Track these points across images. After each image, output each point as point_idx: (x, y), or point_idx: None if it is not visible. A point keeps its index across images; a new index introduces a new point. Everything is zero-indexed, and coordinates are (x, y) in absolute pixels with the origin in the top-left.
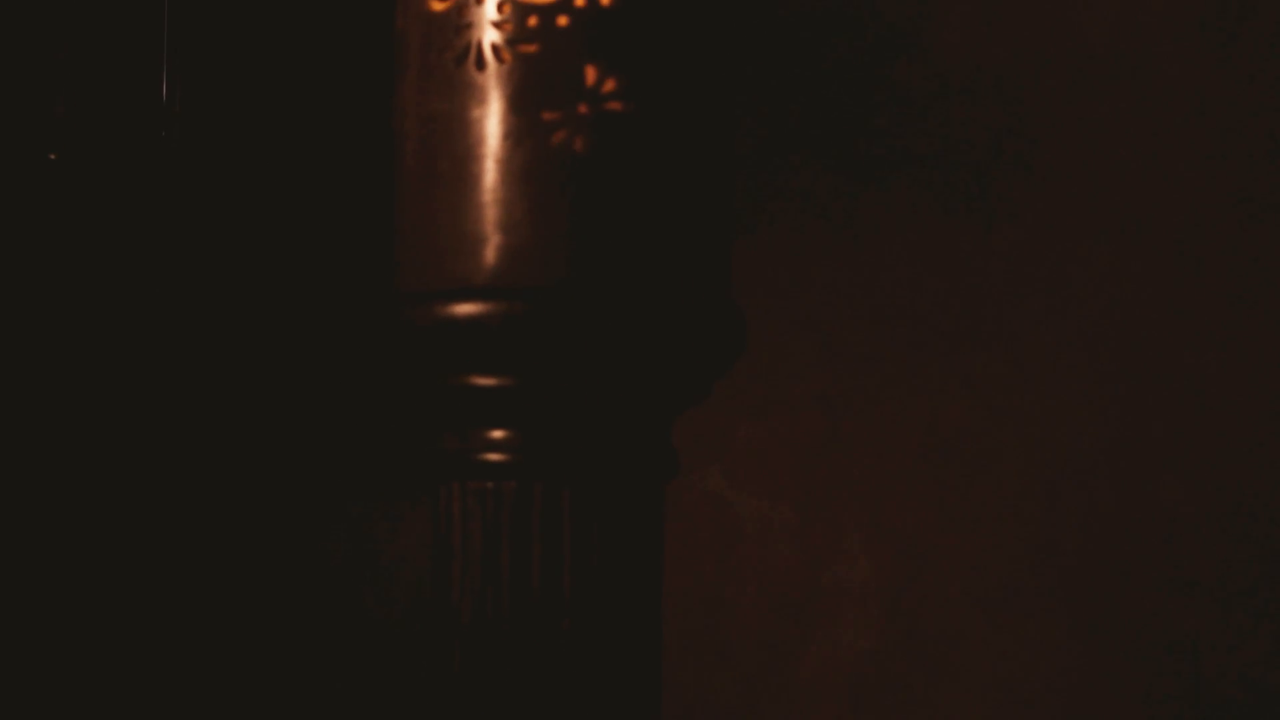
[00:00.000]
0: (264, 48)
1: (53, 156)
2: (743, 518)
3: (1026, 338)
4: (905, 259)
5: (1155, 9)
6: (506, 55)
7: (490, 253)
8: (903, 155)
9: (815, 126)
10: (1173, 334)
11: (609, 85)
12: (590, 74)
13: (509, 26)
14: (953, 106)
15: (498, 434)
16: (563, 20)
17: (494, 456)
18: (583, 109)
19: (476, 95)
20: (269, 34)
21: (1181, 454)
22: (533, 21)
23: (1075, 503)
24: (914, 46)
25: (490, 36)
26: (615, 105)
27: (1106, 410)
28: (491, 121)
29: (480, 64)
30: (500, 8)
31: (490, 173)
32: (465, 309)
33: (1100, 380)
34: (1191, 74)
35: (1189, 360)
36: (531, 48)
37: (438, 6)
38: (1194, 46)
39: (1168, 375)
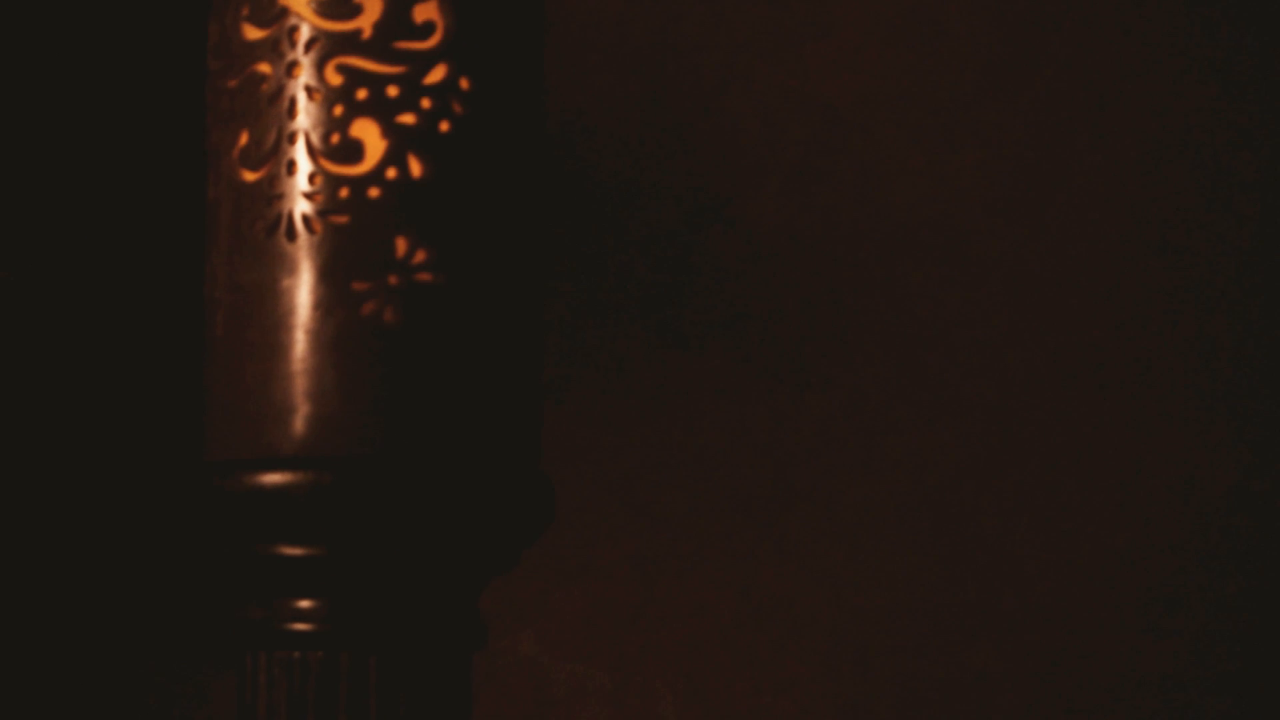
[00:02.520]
0: (77, 211)
1: None
2: (556, 682)
3: (839, 503)
4: (719, 424)
5: (966, 182)
6: (318, 226)
7: (299, 422)
8: (717, 322)
9: (629, 293)
10: (983, 501)
11: (420, 256)
12: (401, 245)
13: (320, 197)
14: (766, 275)
15: (305, 603)
16: (374, 192)
17: (300, 626)
18: (393, 280)
19: (287, 265)
20: (80, 199)
21: (993, 618)
22: (344, 193)
23: (889, 666)
24: (728, 215)
25: (301, 207)
26: (426, 276)
27: (919, 574)
28: (302, 291)
29: (291, 234)
30: (312, 179)
31: (300, 343)
32: (272, 478)
33: (913, 545)
34: (1003, 244)
35: (998, 526)
36: (343, 219)
37: (249, 177)
38: (1005, 217)
39: (978, 540)
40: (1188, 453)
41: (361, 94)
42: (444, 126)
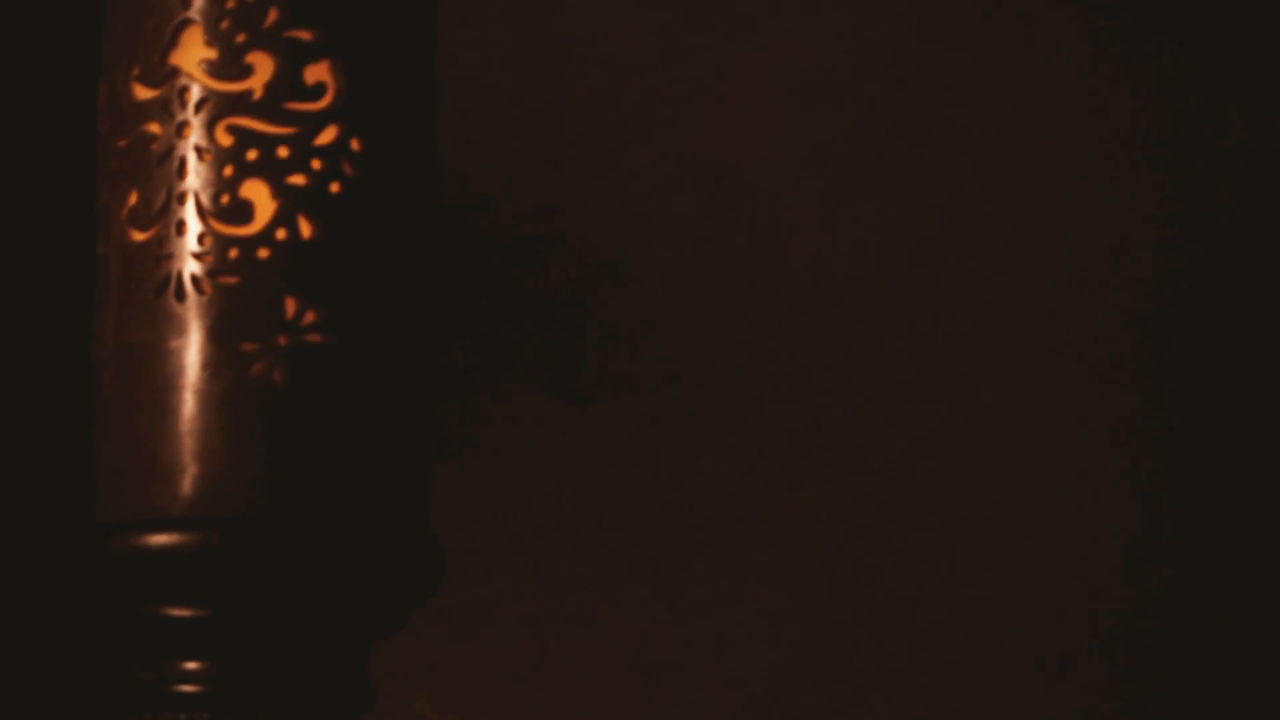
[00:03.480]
0: None
1: None
2: None
3: (735, 562)
4: (615, 483)
5: (861, 241)
6: (207, 286)
7: (187, 483)
8: (613, 381)
9: (525, 352)
10: (878, 560)
11: (309, 317)
12: (290, 306)
13: (209, 258)
14: (662, 334)
15: (191, 665)
16: (263, 252)
17: (187, 688)
18: (282, 341)
19: (176, 325)
20: None
21: (886, 678)
22: (233, 253)
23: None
24: (624, 275)
25: (191, 268)
26: (315, 337)
27: (813, 633)
28: (191, 352)
29: (180, 295)
30: (201, 239)
31: (188, 403)
32: (159, 539)
33: (808, 604)
34: (897, 300)
35: (893, 586)
36: (232, 279)
37: (138, 236)
38: (900, 277)
39: (873, 600)
40: (1083, 516)
41: (252, 155)
42: (334, 188)
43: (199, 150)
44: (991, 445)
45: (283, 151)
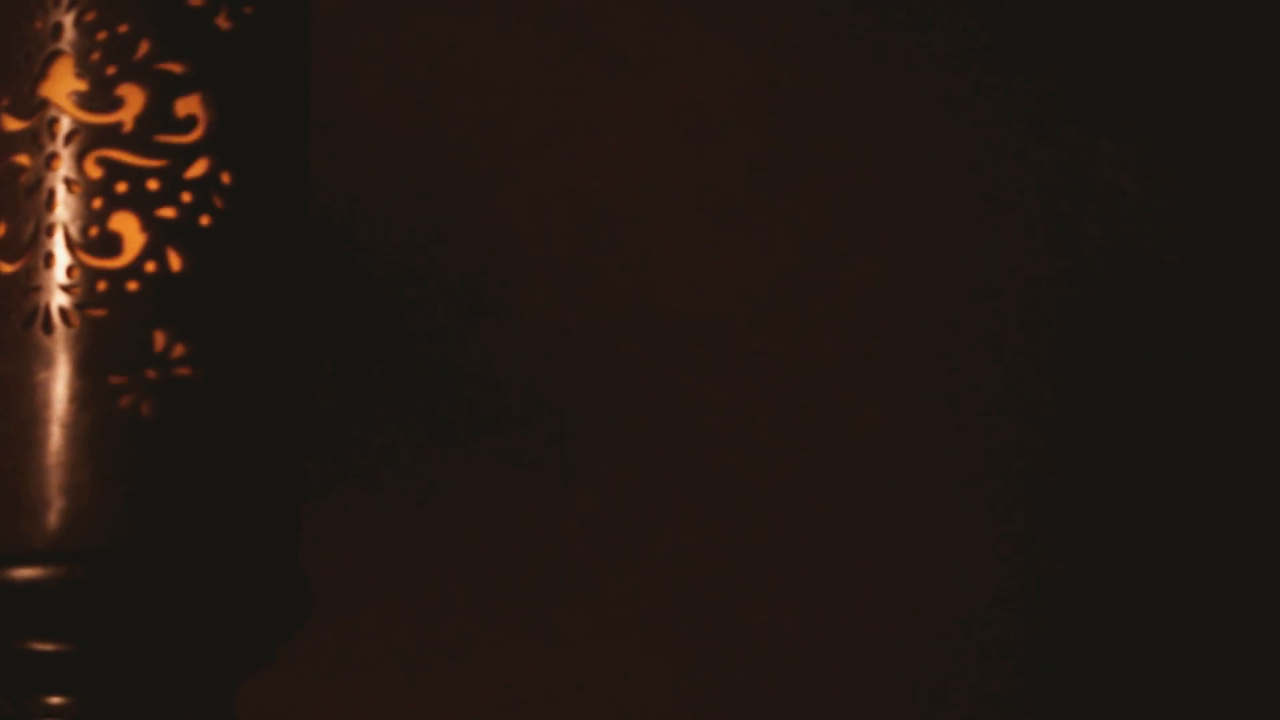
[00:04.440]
0: None
1: None
2: None
3: (607, 597)
4: (488, 517)
5: (735, 277)
6: (75, 319)
7: (53, 516)
8: (487, 416)
9: (399, 387)
10: (751, 595)
11: (178, 351)
12: (160, 339)
13: (78, 291)
14: (536, 369)
15: (56, 700)
16: (133, 285)
17: None
18: (151, 374)
19: (43, 358)
20: None
21: (760, 712)
22: (102, 286)
23: None
24: (498, 310)
25: (59, 300)
26: (184, 371)
27: (685, 669)
28: (58, 385)
29: (48, 327)
30: (70, 272)
31: (55, 436)
32: (24, 573)
33: (680, 639)
34: (771, 340)
35: (766, 620)
36: (100, 312)
37: (6, 268)
38: (773, 313)
39: (745, 635)
40: (957, 549)
41: (121, 187)
42: (205, 220)
43: (68, 182)
44: (864, 480)
45: (153, 184)
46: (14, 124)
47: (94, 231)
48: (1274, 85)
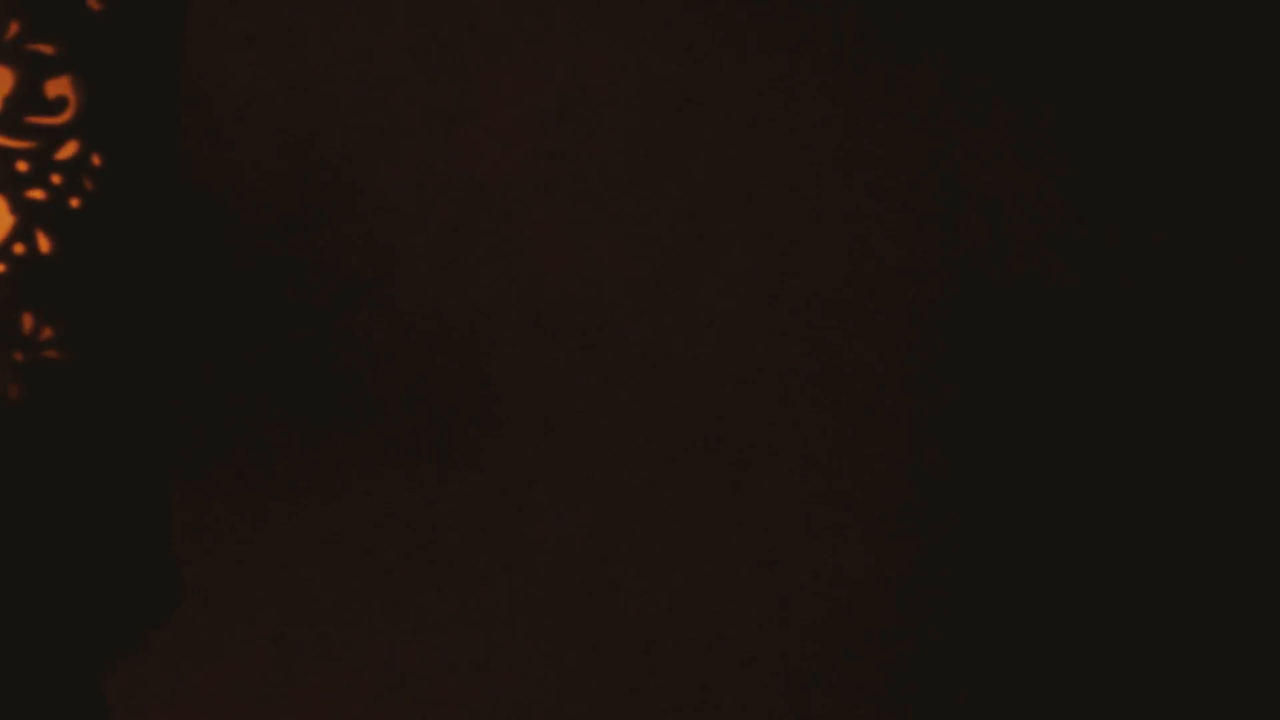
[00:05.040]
0: None
1: None
2: None
3: (482, 583)
4: (365, 504)
5: (614, 264)
6: None
7: None
8: (365, 403)
9: (275, 372)
10: (625, 581)
11: (46, 333)
12: (28, 322)
13: None
14: (414, 355)
15: None
16: (1, 268)
17: None
18: (19, 356)
19: None
20: None
21: (634, 699)
22: None
23: None
24: (376, 296)
25: None
26: (52, 353)
27: (560, 655)
28: None
29: None
30: None
31: None
32: None
33: (554, 626)
34: (649, 327)
35: (640, 606)
36: None
37: None
38: (652, 300)
39: (620, 621)
40: (830, 537)
41: None
42: (74, 203)
43: None
44: (741, 467)
45: (22, 166)
46: None
47: None
48: (1149, 76)
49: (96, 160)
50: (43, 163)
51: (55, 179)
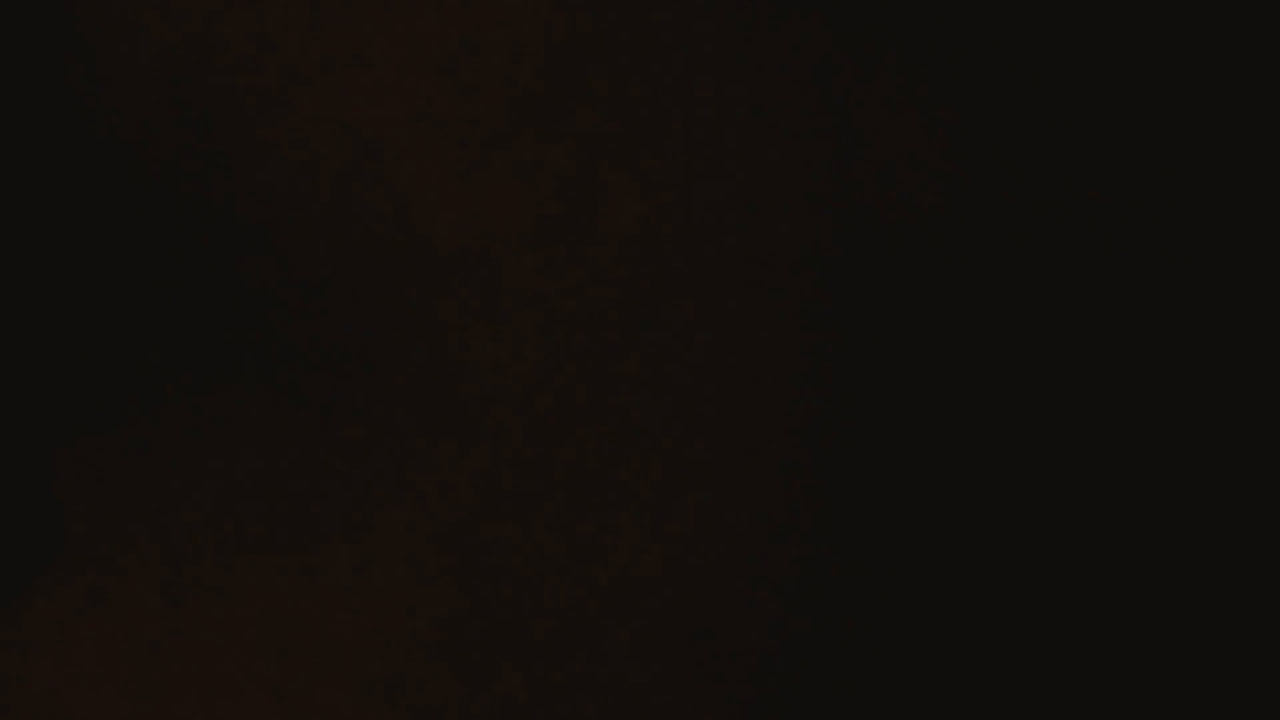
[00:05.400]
0: None
1: None
2: (74, 716)
3: (370, 533)
4: (251, 457)
5: (503, 216)
6: None
7: None
8: (251, 352)
9: (162, 320)
10: (512, 532)
11: None
12: None
13: None
14: (301, 305)
15: None
16: None
17: None
18: None
19: None
20: None
21: (520, 646)
22: None
23: (417, 695)
24: (264, 243)
25: None
26: None
27: (447, 604)
28: None
29: None
30: None
31: None
32: None
33: (441, 576)
34: (539, 281)
35: (527, 556)
36: None
37: None
38: (542, 254)
39: (507, 571)
40: (719, 485)
41: None
42: None
43: None
44: (630, 416)
45: None
46: None
47: None
48: (1041, 37)
49: None
50: None
51: None
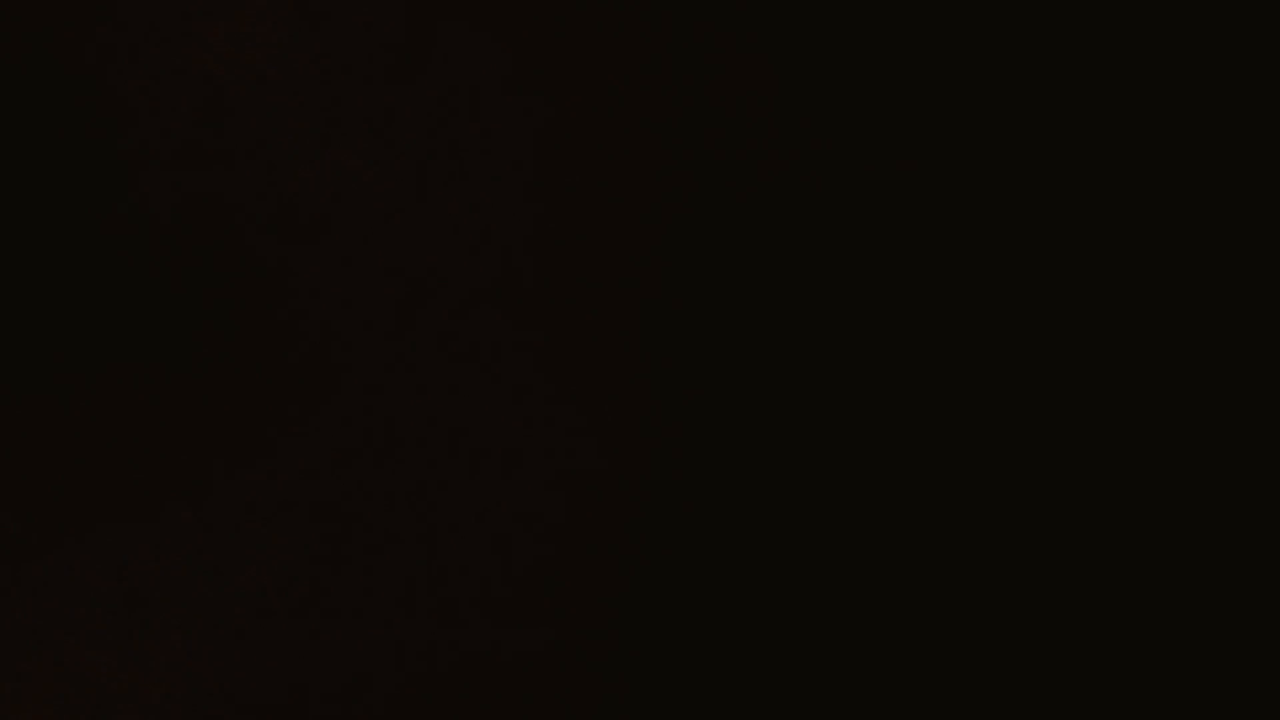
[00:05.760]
0: None
1: None
2: None
3: (222, 488)
4: (100, 408)
5: (360, 170)
6: None
7: None
8: (103, 304)
9: (12, 273)
10: (365, 486)
11: None
12: None
13: None
14: (153, 257)
15: None
16: None
17: None
18: None
19: None
20: None
21: (376, 601)
22: None
23: (271, 649)
24: (114, 196)
25: None
26: None
27: (302, 559)
28: None
29: None
30: None
31: None
32: None
33: (295, 531)
34: (396, 235)
35: (379, 511)
36: None
37: None
38: (400, 208)
39: (362, 526)
40: (574, 434)
41: None
42: None
43: None
44: (485, 369)
45: None
46: None
47: None
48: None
49: None
50: None
51: None
